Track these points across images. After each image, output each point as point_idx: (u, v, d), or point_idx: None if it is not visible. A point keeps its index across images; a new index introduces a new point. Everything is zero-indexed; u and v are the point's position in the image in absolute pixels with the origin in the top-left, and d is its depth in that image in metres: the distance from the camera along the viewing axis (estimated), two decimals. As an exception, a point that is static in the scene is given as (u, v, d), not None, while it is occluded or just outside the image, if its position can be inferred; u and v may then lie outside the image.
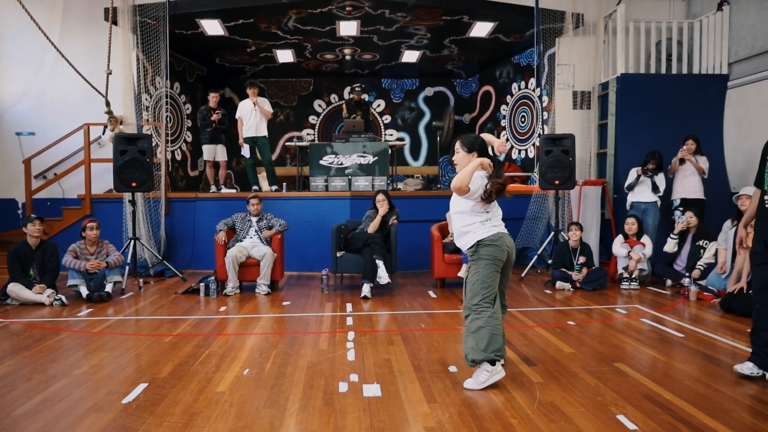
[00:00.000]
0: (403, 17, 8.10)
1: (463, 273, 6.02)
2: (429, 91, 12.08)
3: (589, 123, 8.23)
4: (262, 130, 8.27)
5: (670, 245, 6.33)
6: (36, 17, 6.67)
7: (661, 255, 6.49)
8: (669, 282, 6.32)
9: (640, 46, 8.01)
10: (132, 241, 6.79)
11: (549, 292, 6.06)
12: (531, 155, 9.45)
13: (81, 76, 7.18)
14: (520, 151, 9.82)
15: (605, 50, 8.20)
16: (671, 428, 2.61)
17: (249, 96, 8.16)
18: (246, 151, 8.27)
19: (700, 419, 2.71)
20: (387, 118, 12.03)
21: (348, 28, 8.55)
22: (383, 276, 5.83)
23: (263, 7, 7.64)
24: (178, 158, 9.53)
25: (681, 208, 6.73)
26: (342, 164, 8.10)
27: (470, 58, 10.50)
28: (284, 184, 8.80)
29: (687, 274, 5.91)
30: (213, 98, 8.30)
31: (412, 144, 12.05)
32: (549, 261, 7.10)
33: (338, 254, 6.21)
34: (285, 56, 10.06)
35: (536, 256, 7.19)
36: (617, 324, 4.67)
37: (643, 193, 6.90)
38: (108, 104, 7.36)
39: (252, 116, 8.19)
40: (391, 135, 11.95)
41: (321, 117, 11.95)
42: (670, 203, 7.02)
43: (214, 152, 8.36)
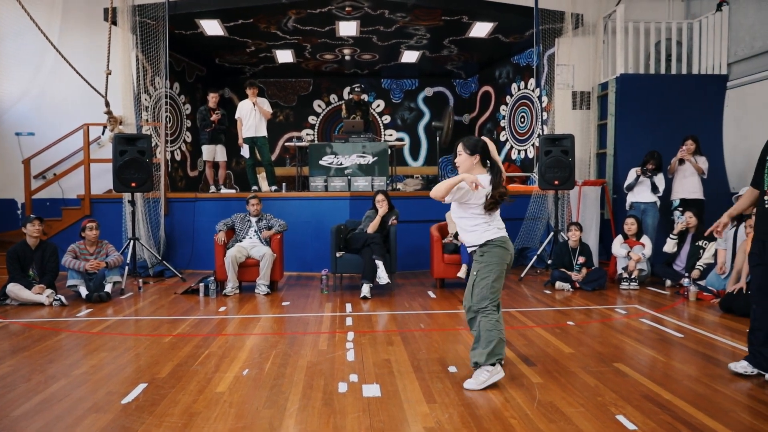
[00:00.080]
0: (403, 17, 8.11)
1: (463, 273, 6.05)
2: (428, 92, 12.08)
3: (589, 123, 8.23)
4: (262, 131, 8.27)
5: (670, 245, 6.33)
6: (35, 17, 6.68)
7: (661, 255, 6.49)
8: (668, 282, 6.33)
9: (640, 47, 8.01)
10: (131, 242, 6.79)
11: (548, 293, 6.06)
12: (530, 155, 9.45)
13: (80, 77, 7.18)
14: (520, 152, 9.83)
15: (605, 50, 8.20)
16: (671, 428, 2.61)
17: (248, 96, 8.16)
18: (245, 152, 8.27)
19: (700, 419, 2.71)
20: (386, 119, 12.04)
21: (347, 29, 8.55)
22: (383, 276, 5.83)
23: (263, 8, 7.64)
24: (178, 158, 9.53)
25: (680, 209, 6.74)
26: (341, 164, 8.10)
27: (470, 59, 10.51)
28: (284, 185, 8.80)
29: (686, 275, 5.92)
30: (212, 98, 8.29)
31: (412, 144, 12.05)
32: (548, 261, 7.10)
33: (338, 254, 6.21)
34: (284, 56, 10.06)
35: (536, 257, 7.19)
36: (617, 324, 4.67)
37: (643, 194, 6.90)
38: (107, 104, 7.36)
39: (251, 116, 8.19)
40: (391, 135, 11.96)
41: (320, 117, 11.96)
42: (670, 203, 7.02)
43: (214, 152, 8.36)
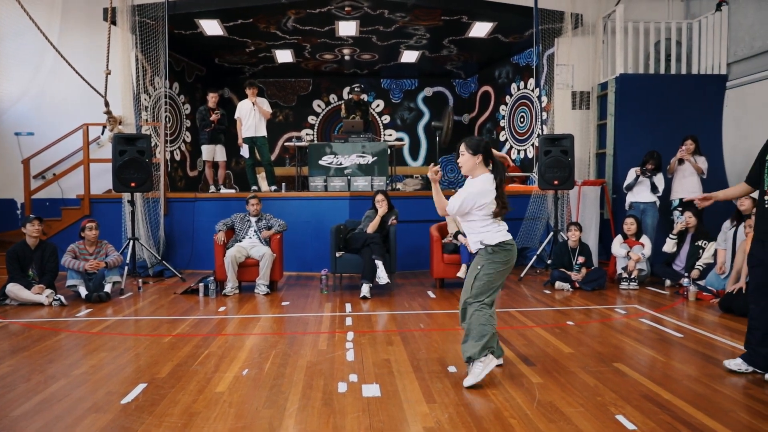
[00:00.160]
0: (402, 17, 8.10)
1: (462, 273, 6.05)
2: (428, 92, 12.08)
3: (588, 123, 8.23)
4: (261, 130, 8.27)
5: (669, 245, 6.33)
6: (35, 17, 6.68)
7: (660, 255, 6.49)
8: (668, 282, 6.33)
9: (639, 47, 8.01)
10: (131, 242, 6.79)
11: (548, 292, 6.06)
12: (530, 155, 9.45)
13: (80, 77, 7.18)
14: (519, 152, 9.83)
15: (604, 50, 8.20)
16: (670, 428, 2.62)
17: (248, 96, 8.16)
18: (245, 151, 8.27)
19: (699, 419, 2.71)
20: (386, 119, 12.03)
21: (347, 29, 8.55)
22: (382, 276, 5.83)
23: (262, 8, 7.64)
24: (177, 158, 9.52)
25: (680, 209, 6.74)
26: (341, 164, 8.10)
27: (469, 59, 10.51)
28: (283, 185, 8.80)
29: (686, 275, 5.92)
30: (212, 98, 8.29)
31: (411, 144, 12.05)
32: (548, 261, 7.10)
33: (337, 254, 6.21)
34: (284, 56, 10.05)
35: (535, 257, 7.19)
36: (616, 324, 4.67)
37: (642, 194, 6.90)
38: (107, 104, 7.36)
39: (251, 116, 8.18)
40: (390, 135, 11.95)
41: (320, 117, 11.95)
42: (669, 203, 7.03)
43: (213, 152, 8.35)
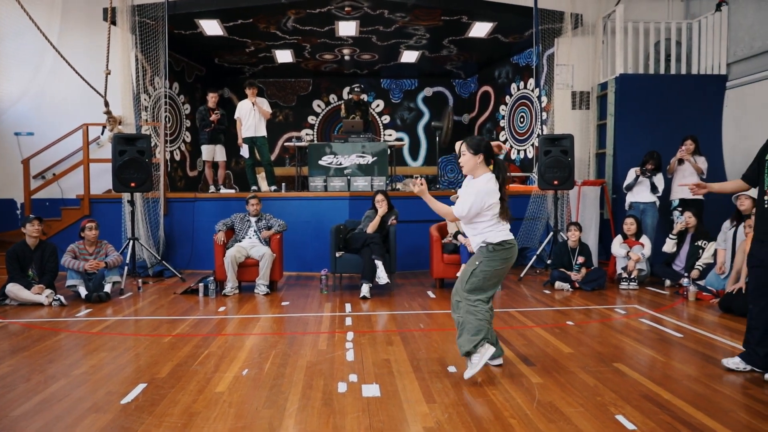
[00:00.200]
0: (402, 17, 8.10)
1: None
2: (428, 92, 12.07)
3: (588, 123, 8.23)
4: (261, 130, 8.27)
5: (669, 245, 6.33)
6: (35, 17, 6.68)
7: (660, 255, 6.49)
8: (668, 282, 6.33)
9: (639, 47, 8.01)
10: (131, 242, 6.79)
11: (548, 293, 6.06)
12: (530, 155, 9.45)
13: (80, 77, 7.18)
14: (519, 152, 9.82)
15: (604, 50, 8.20)
16: (670, 428, 2.62)
17: (248, 96, 8.16)
18: (245, 151, 8.27)
19: (699, 419, 2.71)
20: (386, 119, 12.03)
21: (347, 29, 8.55)
22: (382, 276, 5.83)
23: (262, 8, 7.64)
24: (177, 158, 9.52)
25: (680, 209, 6.74)
26: (341, 164, 8.10)
27: (469, 59, 10.50)
28: (283, 185, 8.79)
29: (686, 275, 5.92)
30: (212, 98, 8.29)
31: (411, 144, 12.05)
32: (548, 261, 7.10)
33: (337, 254, 6.21)
34: (284, 56, 10.05)
35: (535, 257, 7.19)
36: (616, 324, 4.67)
37: (642, 194, 6.90)
38: (107, 104, 7.36)
39: (251, 116, 8.18)
40: (390, 135, 11.95)
41: (320, 117, 11.95)
42: (669, 203, 7.03)
43: (213, 152, 8.35)
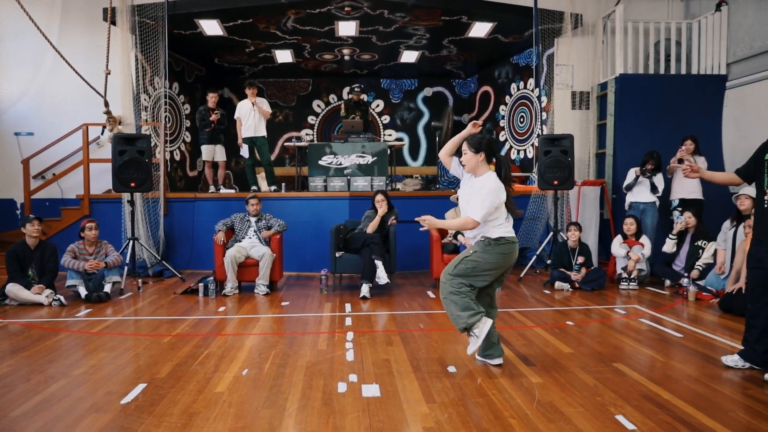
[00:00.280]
0: (402, 17, 8.10)
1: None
2: (428, 92, 12.07)
3: (588, 123, 8.23)
4: (261, 131, 8.26)
5: (669, 245, 6.34)
6: (35, 17, 6.68)
7: (660, 255, 6.49)
8: (668, 282, 6.33)
9: (639, 47, 8.01)
10: (131, 242, 6.79)
11: (548, 293, 6.06)
12: (530, 155, 9.45)
13: (80, 77, 7.18)
14: (519, 152, 9.82)
15: (604, 50, 8.20)
16: (670, 428, 2.62)
17: (248, 96, 8.15)
18: (245, 152, 8.27)
19: (699, 419, 2.71)
20: (386, 119, 12.03)
21: (347, 29, 8.55)
22: (382, 276, 5.83)
23: (262, 8, 7.64)
24: (177, 158, 9.52)
25: (680, 209, 6.74)
26: (341, 164, 8.10)
27: (469, 59, 10.50)
28: (283, 185, 8.79)
29: (686, 275, 5.92)
30: (212, 98, 8.29)
31: (411, 144, 12.05)
32: (548, 261, 7.10)
33: (337, 254, 6.21)
34: (284, 56, 10.05)
35: (535, 257, 7.19)
36: (616, 324, 4.67)
37: (642, 194, 6.90)
38: (107, 104, 7.36)
39: (251, 116, 8.18)
40: (390, 135, 11.95)
41: (320, 117, 11.95)
42: (669, 203, 7.03)
43: (213, 152, 8.35)
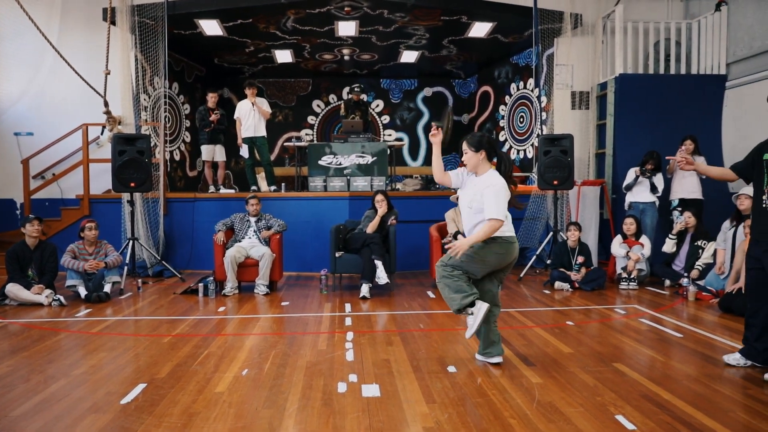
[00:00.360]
0: (402, 17, 8.10)
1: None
2: (428, 92, 12.07)
3: (588, 123, 8.23)
4: (261, 131, 8.26)
5: (669, 245, 6.34)
6: (34, 17, 6.68)
7: (660, 255, 6.49)
8: (668, 282, 6.33)
9: (639, 47, 8.02)
10: (131, 242, 6.79)
11: (548, 293, 6.06)
12: (530, 155, 9.45)
13: (79, 77, 7.18)
14: (519, 152, 9.83)
15: (604, 50, 8.20)
16: (670, 428, 2.62)
17: (247, 96, 8.15)
18: (245, 152, 8.26)
19: (699, 419, 2.71)
20: (386, 119, 12.03)
21: (346, 29, 8.55)
22: (382, 276, 5.83)
23: (262, 8, 7.64)
24: (177, 158, 9.52)
25: (679, 209, 6.74)
26: (341, 164, 8.10)
27: (469, 59, 10.50)
28: (283, 185, 8.80)
29: (685, 275, 5.92)
30: (212, 98, 8.29)
31: (411, 144, 12.05)
32: (548, 261, 7.10)
33: (337, 254, 6.21)
34: (283, 56, 10.05)
35: (535, 257, 7.19)
36: (616, 324, 4.67)
37: (642, 194, 6.90)
38: (106, 104, 7.36)
39: (250, 116, 8.18)
40: (390, 135, 11.95)
41: (320, 117, 11.95)
42: (669, 203, 7.03)
43: (213, 152, 8.35)
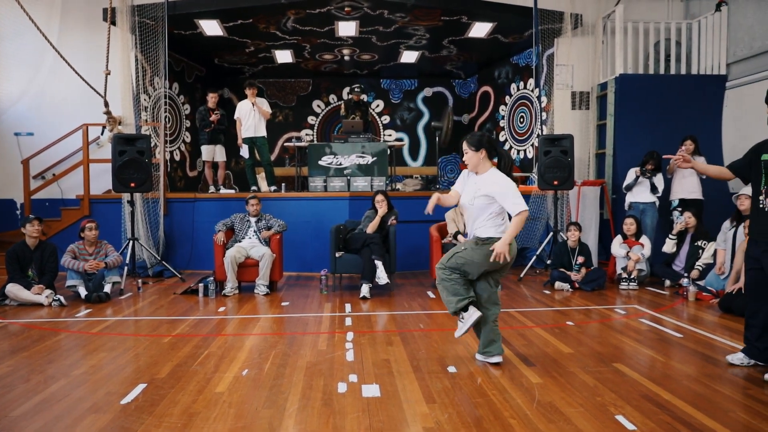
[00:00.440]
0: (402, 18, 8.10)
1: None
2: (428, 92, 12.07)
3: (588, 123, 8.23)
4: (261, 131, 8.26)
5: (669, 246, 6.34)
6: (34, 17, 6.68)
7: (660, 255, 6.49)
8: (668, 282, 6.33)
9: (639, 47, 8.01)
10: (131, 242, 6.79)
11: (548, 293, 6.06)
12: (530, 156, 9.46)
13: (79, 77, 7.17)
14: (519, 152, 9.83)
15: (604, 51, 8.20)
16: (670, 428, 2.62)
17: (248, 96, 8.15)
18: (245, 152, 8.27)
19: (699, 419, 2.71)
20: (386, 119, 12.03)
21: (347, 29, 8.55)
22: (382, 276, 5.83)
23: (262, 8, 7.64)
24: (177, 158, 9.52)
25: (679, 209, 6.74)
26: (341, 165, 8.10)
27: (469, 59, 10.50)
28: (283, 185, 8.80)
29: (686, 275, 5.92)
30: (212, 98, 8.29)
31: (411, 144, 12.05)
32: (548, 261, 7.10)
33: (337, 255, 6.21)
34: (284, 56, 10.05)
35: (535, 257, 7.19)
36: (616, 324, 4.67)
37: (642, 194, 6.90)
38: (107, 104, 7.35)
39: (250, 116, 8.18)
40: (390, 135, 11.95)
41: (320, 117, 11.95)
42: (669, 204, 7.03)
43: (213, 152, 8.35)
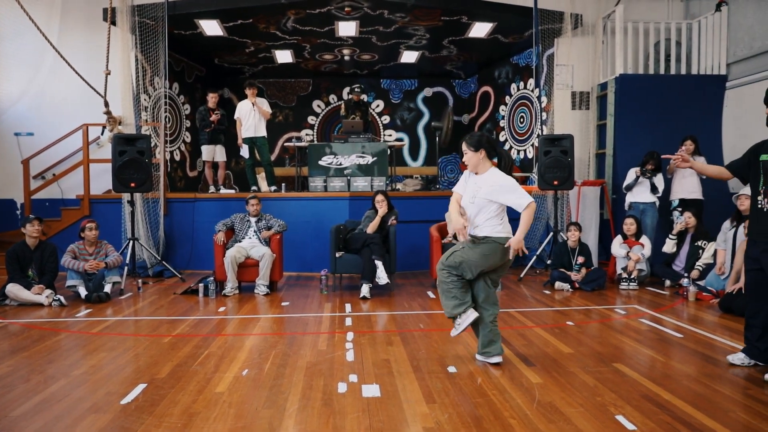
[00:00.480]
0: (402, 18, 8.10)
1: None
2: (428, 92, 12.07)
3: (588, 123, 8.23)
4: (261, 131, 8.27)
5: (669, 246, 6.34)
6: (34, 17, 6.68)
7: (660, 255, 6.49)
8: (668, 282, 6.33)
9: (639, 47, 8.02)
10: (131, 242, 6.79)
11: (548, 293, 6.06)
12: (530, 156, 9.45)
13: (80, 77, 7.18)
14: (519, 152, 9.83)
15: (604, 51, 8.20)
16: (670, 428, 2.62)
17: (248, 96, 8.15)
18: (245, 152, 8.27)
19: (699, 419, 2.71)
20: (386, 119, 12.03)
21: (347, 29, 8.55)
22: (382, 276, 5.83)
23: (262, 8, 7.64)
24: (177, 158, 9.52)
25: (680, 209, 6.74)
26: (341, 165, 8.10)
27: (469, 59, 10.50)
28: (283, 185, 8.80)
29: (686, 275, 5.92)
30: (212, 98, 8.29)
31: (411, 144, 12.05)
32: (548, 261, 7.11)
33: (337, 255, 6.21)
34: (284, 57, 10.05)
35: (535, 257, 7.19)
36: (616, 324, 4.67)
37: (642, 194, 6.90)
38: (107, 104, 7.35)
39: (251, 116, 8.18)
40: (390, 135, 11.95)
41: (320, 117, 11.95)
42: (669, 204, 7.03)
43: (213, 152, 8.35)
